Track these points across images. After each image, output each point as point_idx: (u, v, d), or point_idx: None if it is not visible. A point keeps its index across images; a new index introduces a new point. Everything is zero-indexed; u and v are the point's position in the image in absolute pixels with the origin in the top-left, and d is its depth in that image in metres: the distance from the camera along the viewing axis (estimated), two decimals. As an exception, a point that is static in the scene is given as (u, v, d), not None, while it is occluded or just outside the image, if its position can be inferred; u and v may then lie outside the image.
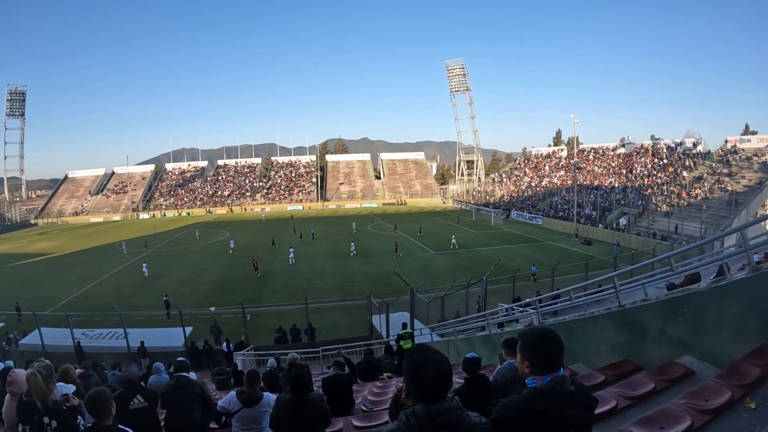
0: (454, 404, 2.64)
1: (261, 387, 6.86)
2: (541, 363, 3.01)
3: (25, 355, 22.96)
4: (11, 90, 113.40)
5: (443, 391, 2.65)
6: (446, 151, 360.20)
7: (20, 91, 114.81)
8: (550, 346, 3.03)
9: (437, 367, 2.66)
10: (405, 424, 2.56)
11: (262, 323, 28.78)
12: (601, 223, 57.90)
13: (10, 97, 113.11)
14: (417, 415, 2.55)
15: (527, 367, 3.06)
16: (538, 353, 3.03)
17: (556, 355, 3.02)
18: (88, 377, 10.33)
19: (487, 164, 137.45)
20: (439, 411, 2.56)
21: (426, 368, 2.65)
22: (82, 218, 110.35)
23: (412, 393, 2.71)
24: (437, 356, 2.73)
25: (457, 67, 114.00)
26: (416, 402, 2.64)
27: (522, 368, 3.14)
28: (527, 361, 3.06)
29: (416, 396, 2.67)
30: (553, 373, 2.97)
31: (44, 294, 38.85)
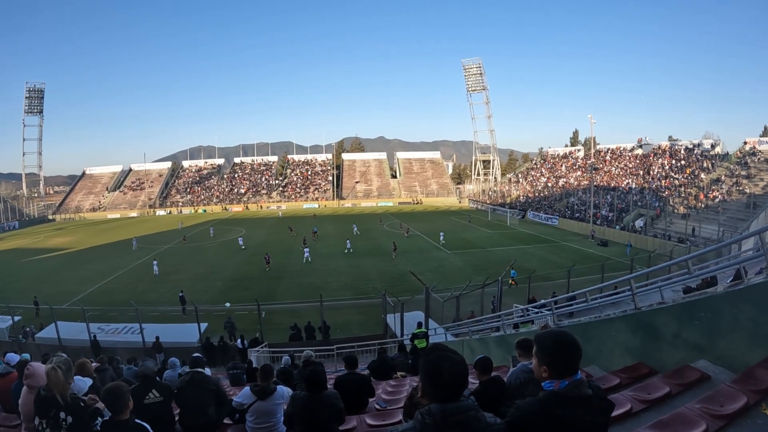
0: (470, 404, 2.65)
1: (275, 382, 6.88)
2: (560, 367, 2.99)
3: (42, 348, 23.20)
4: (30, 88, 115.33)
5: (459, 391, 2.66)
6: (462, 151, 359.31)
7: (39, 88, 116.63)
8: (568, 350, 3.02)
9: (454, 367, 2.67)
10: (420, 423, 2.58)
11: (276, 320, 28.86)
12: (618, 225, 57.51)
13: (28, 94, 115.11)
14: (432, 414, 2.56)
15: (545, 371, 3.04)
16: (556, 358, 3.01)
17: (573, 360, 3.00)
18: (103, 371, 10.44)
19: (504, 164, 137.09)
20: (454, 410, 2.57)
21: (442, 367, 2.66)
22: (100, 214, 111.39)
23: (428, 392, 2.73)
24: (454, 356, 2.74)
25: (474, 67, 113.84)
26: (432, 401, 2.65)
27: (539, 372, 3.12)
28: (545, 366, 3.04)
29: (432, 395, 2.68)
30: (570, 377, 2.96)
31: (61, 288, 39.21)
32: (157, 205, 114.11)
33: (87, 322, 25.18)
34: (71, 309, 29.70)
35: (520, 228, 67.01)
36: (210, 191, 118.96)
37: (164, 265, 46.31)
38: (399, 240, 52.97)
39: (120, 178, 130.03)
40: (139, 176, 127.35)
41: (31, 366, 5.63)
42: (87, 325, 25.08)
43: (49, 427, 4.43)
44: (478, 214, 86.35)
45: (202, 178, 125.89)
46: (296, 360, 15.33)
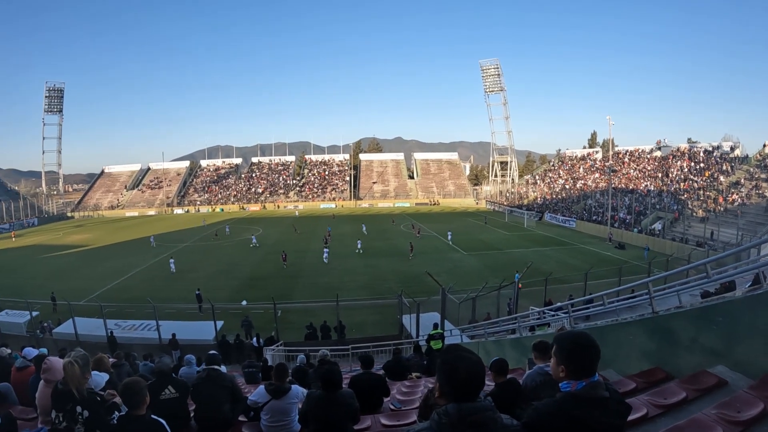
0: (487, 404, 2.66)
1: (290, 381, 6.92)
2: (577, 368, 3.00)
3: (59, 343, 23.33)
4: (50, 87, 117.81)
5: (476, 391, 2.67)
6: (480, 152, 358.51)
7: (58, 88, 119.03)
8: (587, 351, 3.02)
9: (471, 367, 2.68)
10: (437, 423, 2.58)
11: (292, 319, 28.95)
12: (636, 228, 57.04)
13: (48, 94, 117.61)
14: (449, 414, 2.57)
15: (563, 371, 3.06)
16: (574, 358, 3.02)
17: (592, 361, 3.01)
18: (120, 366, 10.56)
19: (521, 165, 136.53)
20: (471, 410, 2.58)
21: (460, 368, 2.68)
22: (118, 212, 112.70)
23: (445, 392, 2.74)
24: (471, 356, 2.76)
25: (492, 67, 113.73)
26: (449, 401, 2.66)
27: (557, 372, 3.14)
28: (563, 366, 3.05)
29: (449, 395, 2.68)
30: (588, 379, 2.97)
31: (79, 285, 39.60)
32: (175, 203, 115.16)
33: (104, 318, 25.46)
34: (89, 305, 29.99)
35: (537, 230, 66.83)
36: (227, 190, 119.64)
37: (181, 262, 46.70)
38: (413, 240, 53.01)
39: (138, 176, 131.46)
40: (158, 175, 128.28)
41: (49, 360, 5.70)
42: (104, 321, 25.36)
43: (66, 421, 4.48)
44: (495, 215, 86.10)
45: (219, 178, 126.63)
46: (311, 359, 15.38)
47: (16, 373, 8.47)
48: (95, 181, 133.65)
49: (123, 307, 30.28)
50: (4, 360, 10.40)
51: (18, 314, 29.27)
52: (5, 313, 29.58)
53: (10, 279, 42.59)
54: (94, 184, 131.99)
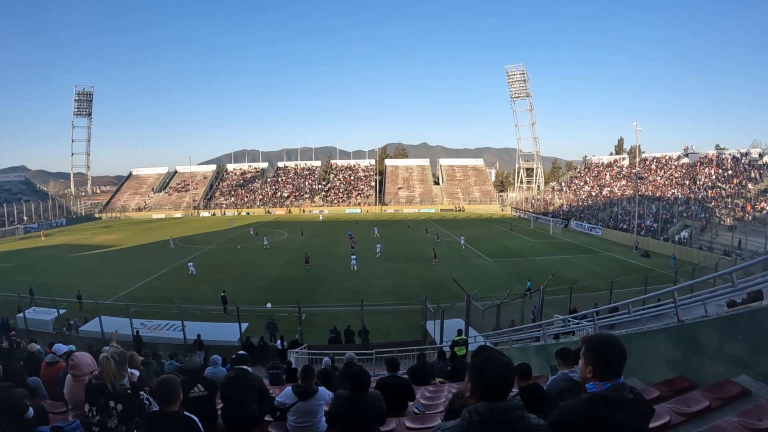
0: (515, 403, 2.76)
1: (315, 383, 7.02)
2: (604, 369, 3.09)
3: (85, 341, 23.74)
4: (79, 91, 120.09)
5: (506, 391, 2.78)
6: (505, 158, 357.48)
7: (87, 92, 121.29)
8: (615, 353, 3.11)
9: (501, 368, 2.80)
10: (467, 420, 2.69)
11: (316, 323, 29.08)
12: (663, 236, 56.27)
13: (77, 97, 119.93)
14: (480, 411, 2.68)
15: (590, 372, 3.16)
16: (602, 359, 3.11)
17: (619, 363, 3.10)
18: (148, 365, 10.79)
19: (547, 172, 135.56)
20: (500, 409, 2.68)
21: (491, 368, 2.79)
22: (145, 214, 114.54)
23: (476, 391, 2.85)
24: (502, 357, 2.87)
25: (517, 73, 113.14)
26: (479, 400, 2.77)
27: (584, 373, 3.24)
28: (591, 366, 3.15)
29: (479, 394, 2.80)
30: (613, 380, 3.06)
31: (105, 284, 40.35)
32: (201, 206, 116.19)
33: (130, 318, 25.83)
34: (115, 304, 30.45)
35: (562, 237, 66.26)
36: (253, 194, 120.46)
37: (206, 264, 47.43)
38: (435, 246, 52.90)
39: (165, 179, 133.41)
40: (184, 178, 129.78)
41: (75, 356, 5.84)
42: (130, 320, 25.72)
43: (99, 415, 4.59)
44: (520, 222, 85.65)
45: (245, 181, 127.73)
46: (335, 362, 15.49)
47: (46, 369, 8.70)
48: (123, 183, 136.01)
49: (149, 307, 30.61)
50: (34, 356, 10.67)
51: (45, 312, 29.81)
52: (33, 310, 30.14)
53: (39, 277, 43.31)
54: (122, 186, 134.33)
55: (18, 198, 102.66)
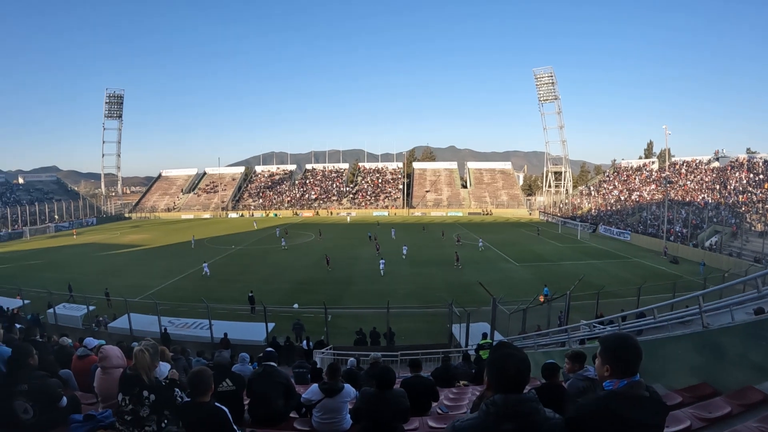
0: (531, 396, 2.89)
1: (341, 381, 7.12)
2: (620, 367, 3.19)
3: (113, 337, 24.08)
4: (110, 94, 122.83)
5: (522, 384, 2.89)
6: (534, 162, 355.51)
7: (118, 94, 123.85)
8: (630, 350, 3.21)
9: (518, 363, 2.92)
10: (485, 412, 2.82)
11: (341, 324, 29.20)
12: (692, 242, 55.38)
13: (108, 99, 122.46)
14: (496, 404, 2.80)
15: (607, 370, 3.25)
16: (618, 357, 3.21)
17: (634, 360, 3.19)
18: (177, 360, 11.01)
19: (575, 176, 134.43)
20: (516, 401, 2.80)
21: (508, 362, 2.92)
22: (174, 214, 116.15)
23: (493, 384, 2.96)
24: (519, 353, 2.99)
25: (546, 76, 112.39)
26: (495, 393, 2.88)
27: (601, 372, 3.32)
28: (608, 365, 3.24)
29: (497, 387, 2.91)
30: (629, 378, 3.15)
31: (134, 282, 41.11)
32: (230, 207, 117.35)
33: (158, 315, 26.37)
34: (144, 302, 31.03)
35: (590, 242, 65.64)
36: (281, 196, 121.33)
37: (234, 265, 48.18)
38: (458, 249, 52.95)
39: (194, 180, 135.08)
40: (213, 179, 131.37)
41: (104, 349, 6.02)
42: (158, 318, 26.26)
43: (132, 404, 4.74)
44: (548, 226, 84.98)
45: (274, 183, 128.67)
46: (361, 364, 15.59)
47: (77, 361, 8.90)
48: (153, 183, 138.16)
49: (177, 306, 31.08)
50: (66, 349, 10.92)
51: (75, 308, 30.46)
52: (63, 306, 30.75)
53: (70, 274, 43.88)
54: (151, 186, 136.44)
55: (50, 197, 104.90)
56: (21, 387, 5.25)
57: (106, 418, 5.25)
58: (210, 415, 4.79)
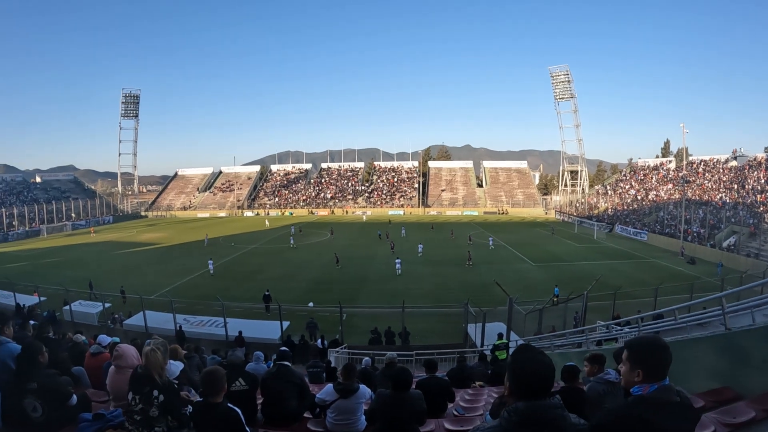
0: (556, 402, 2.72)
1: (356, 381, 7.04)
2: (651, 371, 3.04)
3: (129, 334, 24.24)
4: (126, 93, 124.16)
5: (546, 391, 2.73)
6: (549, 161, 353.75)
7: (134, 94, 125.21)
8: (661, 354, 3.08)
9: (542, 367, 2.77)
10: (506, 420, 2.65)
11: (356, 323, 29.23)
12: (710, 242, 54.76)
13: (125, 99, 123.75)
14: (519, 411, 2.63)
15: (638, 375, 3.08)
16: (648, 361, 3.07)
17: (664, 364, 3.06)
18: (191, 358, 10.95)
19: (592, 175, 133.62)
20: (540, 408, 2.64)
21: (531, 367, 2.76)
22: (190, 213, 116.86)
23: (515, 390, 2.79)
24: (543, 357, 2.83)
25: (561, 74, 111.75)
26: (518, 399, 2.72)
27: (630, 377, 3.15)
28: (639, 370, 3.08)
29: (519, 393, 2.75)
30: (659, 382, 3.01)
31: (150, 280, 41.63)
32: (245, 206, 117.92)
33: (173, 313, 26.48)
34: (159, 300, 31.38)
35: (607, 242, 65.17)
36: (297, 195, 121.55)
37: (249, 264, 48.46)
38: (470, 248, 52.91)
39: (210, 179, 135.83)
40: (229, 178, 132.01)
41: (120, 347, 5.95)
42: (173, 315, 26.38)
43: (142, 403, 4.67)
44: (564, 226, 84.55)
45: (289, 182, 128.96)
46: (375, 363, 15.53)
47: (90, 359, 8.87)
48: (169, 182, 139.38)
49: (192, 303, 31.36)
50: (79, 346, 10.93)
51: (91, 305, 30.90)
52: (79, 303, 31.05)
53: (87, 272, 44.46)
54: (167, 185, 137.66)
55: (66, 196, 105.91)
56: (30, 385, 5.21)
57: (115, 417, 5.19)
58: (222, 416, 4.75)
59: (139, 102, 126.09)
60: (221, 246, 62.36)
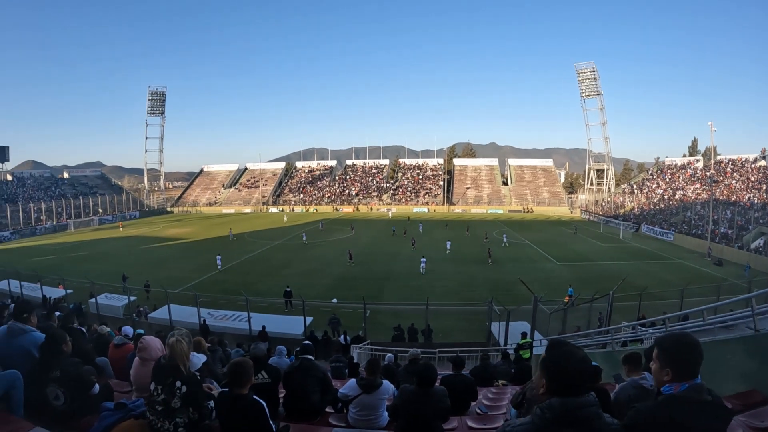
0: (591, 399, 2.66)
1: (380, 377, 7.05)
2: (681, 369, 2.97)
3: (153, 327, 24.55)
4: (152, 91, 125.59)
5: (582, 387, 2.69)
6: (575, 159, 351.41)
7: (160, 92, 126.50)
8: (691, 350, 3.01)
9: (579, 363, 2.72)
10: (539, 417, 2.61)
11: (380, 320, 29.22)
12: (737, 243, 53.87)
13: (151, 97, 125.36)
14: (553, 408, 2.59)
15: (667, 374, 3.02)
16: (679, 359, 3.00)
17: (696, 361, 2.99)
18: (214, 351, 11.08)
19: (618, 174, 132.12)
20: (576, 405, 2.60)
21: (568, 362, 2.71)
22: (215, 209, 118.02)
23: (550, 386, 2.75)
24: (579, 351, 2.78)
25: (588, 71, 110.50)
26: (552, 395, 2.68)
27: (660, 376, 3.09)
28: (668, 368, 3.02)
29: (554, 389, 2.71)
30: (690, 381, 2.95)
31: (176, 274, 42.16)
32: (270, 202, 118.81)
33: (197, 307, 26.90)
34: (184, 294, 31.63)
35: (633, 242, 64.33)
36: (321, 191, 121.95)
37: (274, 259, 48.85)
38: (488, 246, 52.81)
39: (236, 176, 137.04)
40: (254, 175, 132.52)
41: (145, 339, 6.02)
42: (197, 309, 26.78)
43: (164, 393, 4.70)
44: (589, 225, 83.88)
45: (314, 179, 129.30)
46: (398, 360, 15.54)
47: (114, 350, 9.02)
48: (195, 178, 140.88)
49: (217, 298, 31.56)
50: (104, 337, 11.12)
51: (117, 298, 31.24)
52: (105, 296, 31.45)
53: (114, 265, 45.40)
54: (193, 181, 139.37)
55: (94, 192, 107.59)
56: (53, 373, 5.28)
57: (137, 407, 5.23)
58: (247, 407, 4.78)
59: (165, 99, 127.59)
60: (246, 242, 62.87)
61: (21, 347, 5.78)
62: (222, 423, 4.90)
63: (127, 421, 5.05)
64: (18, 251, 60.73)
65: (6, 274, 33.97)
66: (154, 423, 4.77)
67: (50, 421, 5.10)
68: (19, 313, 6.18)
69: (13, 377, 5.17)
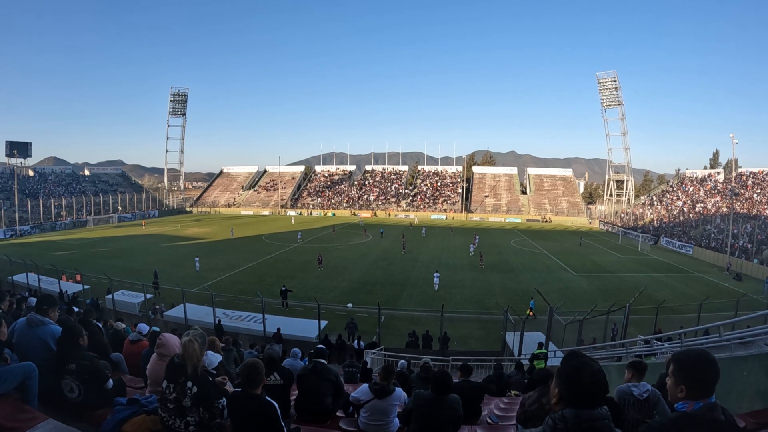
0: (604, 413, 2.68)
1: (393, 383, 7.07)
2: (696, 387, 2.95)
3: (168, 325, 24.75)
4: (174, 92, 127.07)
5: (597, 399, 2.69)
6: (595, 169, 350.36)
7: (182, 93, 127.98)
8: (707, 368, 2.98)
9: (594, 375, 2.71)
10: (552, 428, 2.63)
11: (395, 326, 29.31)
12: (757, 258, 53.29)
13: (173, 98, 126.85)
14: (566, 419, 2.61)
15: (682, 391, 3.00)
16: (695, 377, 2.98)
17: (712, 380, 2.96)
18: (228, 351, 11.20)
19: (638, 185, 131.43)
20: (589, 417, 2.61)
21: (583, 373, 2.71)
22: (233, 210, 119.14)
23: (564, 397, 2.75)
24: (594, 364, 2.78)
25: (609, 80, 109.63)
26: (566, 407, 2.69)
27: (675, 392, 3.07)
28: (683, 385, 2.99)
29: (568, 400, 2.71)
30: (705, 399, 2.93)
31: (193, 273, 42.40)
32: (289, 205, 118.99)
33: (213, 307, 27.00)
34: (200, 293, 32.02)
35: (651, 254, 63.75)
36: (340, 196, 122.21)
37: (292, 261, 49.01)
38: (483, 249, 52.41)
39: (255, 178, 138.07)
40: (273, 177, 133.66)
41: (164, 336, 6.08)
42: (213, 309, 26.91)
43: (176, 392, 4.75)
44: (608, 236, 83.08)
45: (333, 183, 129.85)
46: (411, 367, 15.54)
47: (129, 346, 9.15)
48: (214, 179, 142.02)
49: (233, 299, 31.92)
50: (119, 333, 11.26)
51: (133, 295, 31.68)
52: (122, 293, 31.91)
53: (132, 263, 46.19)
54: (213, 182, 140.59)
55: (114, 189, 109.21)
56: (69, 366, 5.36)
57: (150, 403, 5.29)
58: (259, 408, 4.82)
59: (187, 100, 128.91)
60: (263, 243, 63.14)
61: (39, 338, 5.91)
62: (234, 422, 4.95)
63: (140, 416, 5.11)
64: (38, 245, 61.83)
65: (25, 267, 34.52)
66: (165, 420, 4.83)
67: (64, 413, 5.18)
68: (40, 305, 6.30)
69: (30, 368, 5.29)
